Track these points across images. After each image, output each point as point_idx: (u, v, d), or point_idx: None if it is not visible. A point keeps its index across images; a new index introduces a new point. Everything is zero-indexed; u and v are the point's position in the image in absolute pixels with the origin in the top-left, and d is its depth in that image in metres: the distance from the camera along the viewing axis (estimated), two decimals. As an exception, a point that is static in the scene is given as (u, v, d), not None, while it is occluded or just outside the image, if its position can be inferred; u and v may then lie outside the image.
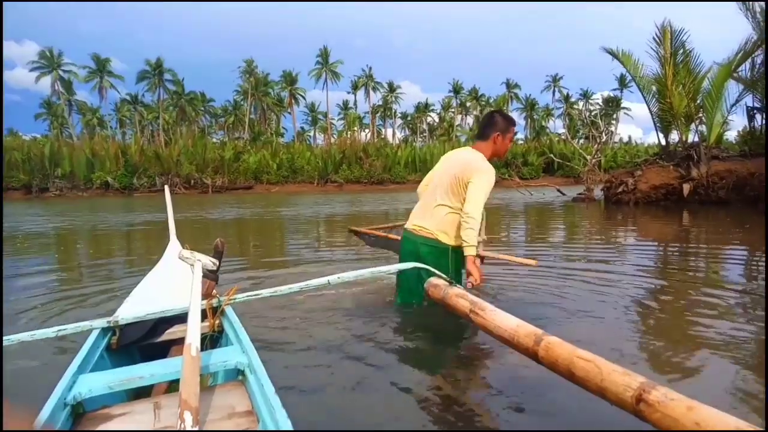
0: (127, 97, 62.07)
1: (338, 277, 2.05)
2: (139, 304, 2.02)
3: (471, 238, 2.65)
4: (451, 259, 2.81)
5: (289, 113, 68.78)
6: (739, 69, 12.20)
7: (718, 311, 2.99)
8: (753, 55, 11.96)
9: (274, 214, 14.25)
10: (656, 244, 6.55)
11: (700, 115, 12.87)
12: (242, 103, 65.22)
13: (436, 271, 2.29)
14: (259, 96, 63.28)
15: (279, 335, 2.68)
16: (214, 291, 1.96)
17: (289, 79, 66.31)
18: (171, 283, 2.29)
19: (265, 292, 2.01)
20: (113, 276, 4.67)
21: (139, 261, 5.71)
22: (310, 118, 75.33)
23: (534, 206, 15.12)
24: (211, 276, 1.92)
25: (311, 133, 77.02)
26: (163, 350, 1.86)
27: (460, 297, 1.97)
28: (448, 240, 2.81)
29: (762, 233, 7.12)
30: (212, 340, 1.85)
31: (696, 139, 13.07)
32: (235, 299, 1.93)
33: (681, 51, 12.70)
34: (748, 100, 12.87)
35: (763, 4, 11.57)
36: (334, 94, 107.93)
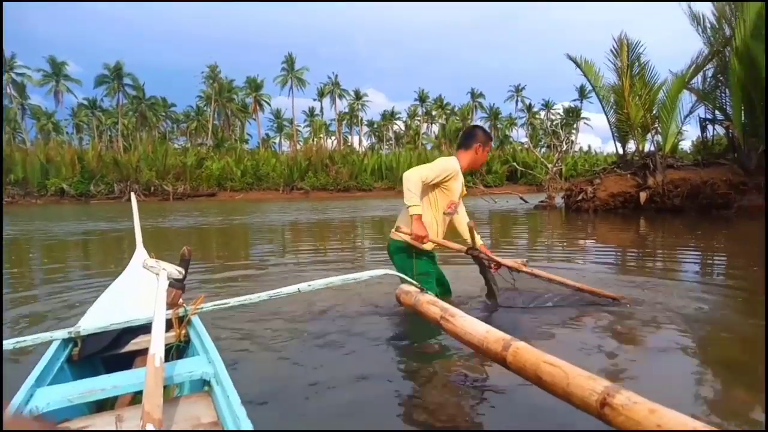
0: (85, 102, 60.23)
1: (308, 285, 2.03)
2: (102, 314, 1.96)
3: (408, 198, 2.81)
4: (414, 261, 3.00)
5: (254, 119, 68.12)
6: (692, 81, 12.76)
7: (676, 312, 3.10)
8: (704, 69, 12.54)
9: (239, 222, 14.03)
10: (614, 248, 6.76)
11: (656, 125, 13.40)
12: (205, 108, 64.21)
13: (408, 278, 2.30)
14: (222, 102, 62.43)
15: (247, 345, 2.63)
16: (181, 300, 1.92)
17: (254, 85, 65.69)
18: (136, 293, 2.23)
19: (233, 302, 1.98)
20: (72, 287, 4.49)
21: (98, 271, 5.51)
22: (275, 125, 74.75)
23: (498, 213, 15.39)
24: (177, 285, 1.88)
25: (276, 140, 76.41)
26: (127, 361, 1.81)
27: (431, 304, 1.98)
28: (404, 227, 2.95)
29: (713, 239, 7.45)
30: (178, 350, 1.81)
31: (652, 148, 13.60)
32: (201, 309, 1.89)
33: (637, 63, 13.20)
34: (701, 111, 13.48)
35: (713, 19, 12.18)
36: (300, 100, 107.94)
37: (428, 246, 3.00)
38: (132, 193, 3.59)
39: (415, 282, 2.30)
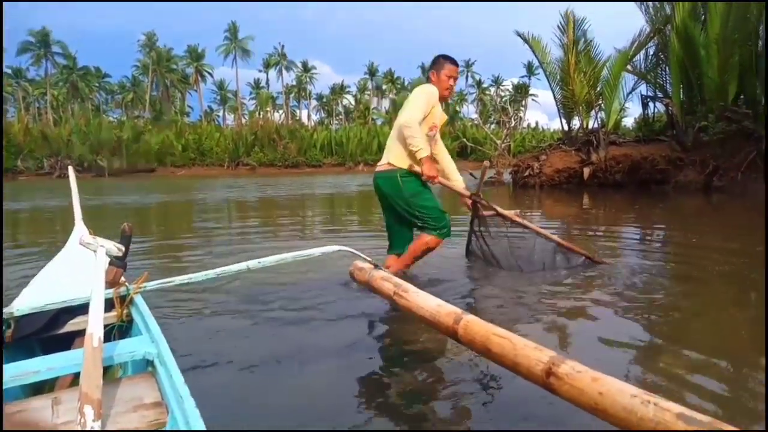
0: (8, 71, 55.79)
1: (258, 262, 1.99)
2: (37, 294, 1.85)
3: (415, 144, 2.96)
4: (403, 184, 3.11)
5: (195, 91, 65.47)
6: (635, 59, 13.20)
7: (617, 284, 3.26)
8: (646, 46, 13.01)
9: (182, 199, 13.57)
10: (560, 222, 7.02)
11: (600, 102, 13.82)
12: (142, 79, 61.09)
13: (361, 254, 2.29)
14: (161, 72, 59.50)
15: (193, 324, 2.56)
16: (122, 279, 1.84)
17: (195, 55, 63.00)
18: (74, 272, 2.12)
19: (178, 279, 1.92)
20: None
21: (32, 250, 5.19)
22: (218, 97, 72.21)
23: (448, 189, 15.56)
24: (118, 263, 1.80)
25: (220, 113, 74.08)
26: (66, 343, 1.73)
27: (384, 280, 1.99)
28: (400, 162, 3.10)
29: (650, 213, 7.87)
30: (121, 330, 1.75)
31: (596, 125, 14.06)
32: (144, 287, 1.83)
33: (583, 40, 13.53)
34: (643, 88, 14.02)
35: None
36: (245, 72, 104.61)
37: (428, 173, 3.08)
38: (69, 167, 3.38)
39: (368, 258, 2.30)
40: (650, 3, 12.78)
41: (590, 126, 14.22)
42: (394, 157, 3.12)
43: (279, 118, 66.41)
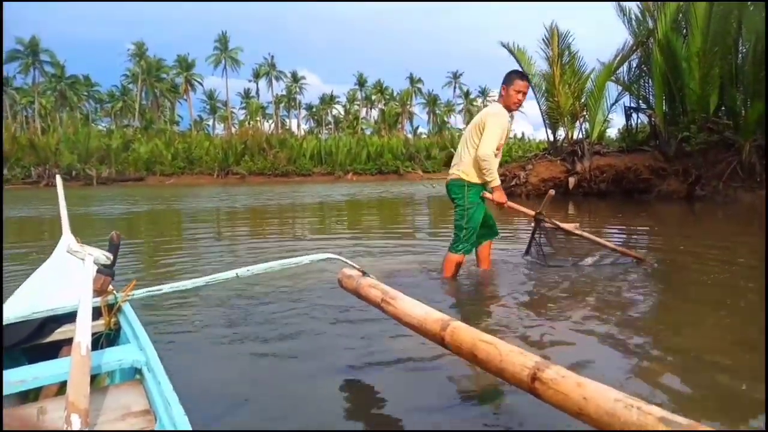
0: (-5, 78, 55.21)
1: (247, 270, 1.98)
2: (23, 303, 1.83)
3: (489, 176, 3.49)
4: (467, 191, 3.60)
5: (185, 100, 65.21)
6: (618, 72, 13.46)
7: (602, 290, 3.30)
8: (629, 59, 13.26)
9: (171, 207, 13.47)
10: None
11: (584, 113, 14.04)
12: (131, 88, 60.76)
13: (350, 262, 2.29)
14: (151, 81, 59.26)
15: (183, 331, 2.56)
16: (110, 287, 1.83)
17: (185, 64, 62.83)
18: (61, 280, 2.10)
19: (167, 288, 1.90)
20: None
21: (19, 259, 5.12)
22: (208, 107, 71.95)
23: (437, 198, 15.65)
24: (105, 271, 1.78)
25: (210, 122, 73.71)
26: (53, 352, 1.71)
27: (372, 287, 1.99)
28: (472, 178, 3.59)
29: (632, 219, 7.96)
30: (108, 339, 1.73)
31: (581, 135, 14.26)
32: (132, 295, 1.81)
33: (567, 52, 13.74)
34: (626, 100, 14.28)
35: (638, 12, 12.88)
36: (235, 81, 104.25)
37: (499, 200, 3.63)
38: (57, 176, 3.35)
39: (357, 266, 2.30)
40: (633, 17, 13.02)
41: (575, 136, 14.42)
42: (466, 173, 3.61)
43: (269, 128, 66.39)
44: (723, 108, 11.82)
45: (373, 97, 75.00)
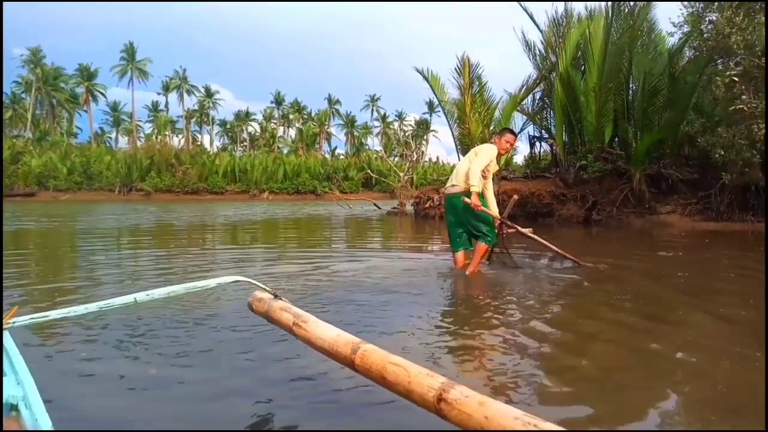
0: None
1: (146, 295, 1.85)
2: None
3: (473, 184, 4.48)
4: (465, 203, 4.57)
5: (86, 111, 60.90)
6: (524, 102, 14.39)
7: (507, 306, 3.45)
8: (533, 91, 14.24)
9: (65, 225, 12.40)
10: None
11: (493, 140, 14.80)
12: (23, 96, 55.87)
13: (260, 284, 2.22)
14: (47, 90, 54.82)
15: (73, 359, 2.32)
16: None
17: (87, 74, 58.94)
18: None
19: (54, 314, 1.73)
20: None
21: None
22: (111, 119, 67.58)
23: (353, 218, 15.72)
24: None
25: (112, 135, 69.23)
26: None
27: (283, 310, 1.94)
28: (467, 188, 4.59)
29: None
30: None
31: (490, 161, 14.99)
32: (13, 324, 1.63)
33: (477, 82, 14.49)
34: (531, 129, 15.30)
35: (542, 48, 13.89)
36: (143, 94, 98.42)
37: (474, 202, 4.53)
38: None
39: (268, 288, 2.24)
40: (537, 52, 14.05)
41: (484, 162, 15.12)
42: (464, 186, 4.65)
43: (179, 143, 63.56)
44: (617, 139, 12.93)
45: (291, 116, 74.44)
